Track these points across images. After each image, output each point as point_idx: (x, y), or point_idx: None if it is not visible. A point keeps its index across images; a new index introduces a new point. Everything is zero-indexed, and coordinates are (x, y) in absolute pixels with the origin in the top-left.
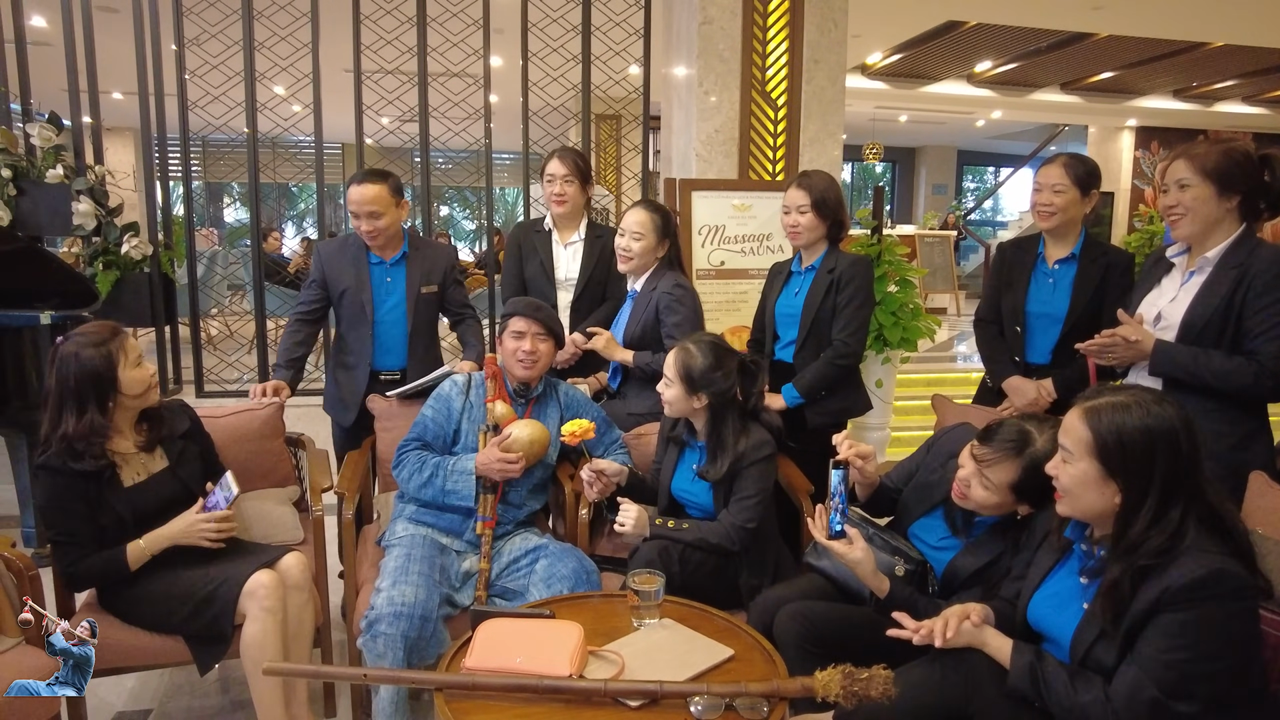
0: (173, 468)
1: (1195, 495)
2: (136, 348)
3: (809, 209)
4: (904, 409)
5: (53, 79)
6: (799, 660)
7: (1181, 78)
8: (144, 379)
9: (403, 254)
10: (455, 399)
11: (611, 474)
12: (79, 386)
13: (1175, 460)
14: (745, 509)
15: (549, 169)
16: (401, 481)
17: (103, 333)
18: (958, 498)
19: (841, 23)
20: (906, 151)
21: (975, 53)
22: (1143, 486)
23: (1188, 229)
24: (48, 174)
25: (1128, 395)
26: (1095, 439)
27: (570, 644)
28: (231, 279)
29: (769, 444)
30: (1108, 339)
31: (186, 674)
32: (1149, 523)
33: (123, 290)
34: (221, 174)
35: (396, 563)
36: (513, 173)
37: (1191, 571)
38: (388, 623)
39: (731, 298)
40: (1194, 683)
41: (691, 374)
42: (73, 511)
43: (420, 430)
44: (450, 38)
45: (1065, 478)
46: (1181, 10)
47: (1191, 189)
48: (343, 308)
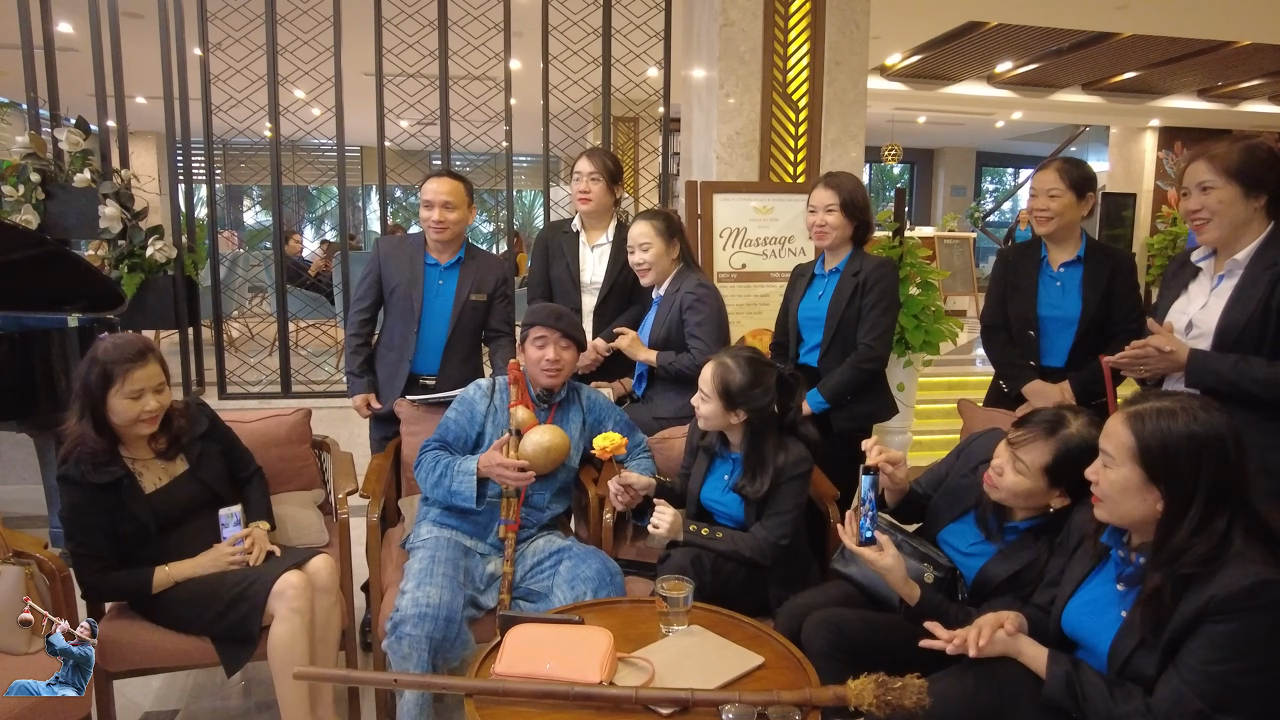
0: (193, 470)
1: (1241, 504)
2: (144, 380)
3: (837, 209)
4: (925, 412)
5: (80, 84)
6: (828, 668)
7: (1206, 77)
8: (133, 413)
9: (458, 259)
10: (479, 402)
11: (640, 488)
12: (82, 393)
13: (1222, 468)
14: (780, 524)
15: (577, 166)
16: (420, 481)
17: (119, 352)
18: (989, 487)
19: (863, 24)
20: (925, 153)
21: (996, 53)
22: (1187, 494)
23: (1215, 233)
24: (75, 178)
25: (1174, 401)
26: (1139, 444)
27: (600, 650)
28: (253, 282)
29: (807, 460)
30: (1139, 351)
31: (210, 675)
32: (1192, 530)
33: (147, 293)
34: (242, 177)
35: (421, 565)
36: (530, 175)
37: (1237, 581)
38: (413, 624)
39: (753, 300)
40: (1240, 695)
41: (730, 390)
42: (91, 525)
43: (443, 431)
44: (471, 41)
45: (1105, 483)
46: (1208, 9)
47: (1215, 191)
48: (393, 303)
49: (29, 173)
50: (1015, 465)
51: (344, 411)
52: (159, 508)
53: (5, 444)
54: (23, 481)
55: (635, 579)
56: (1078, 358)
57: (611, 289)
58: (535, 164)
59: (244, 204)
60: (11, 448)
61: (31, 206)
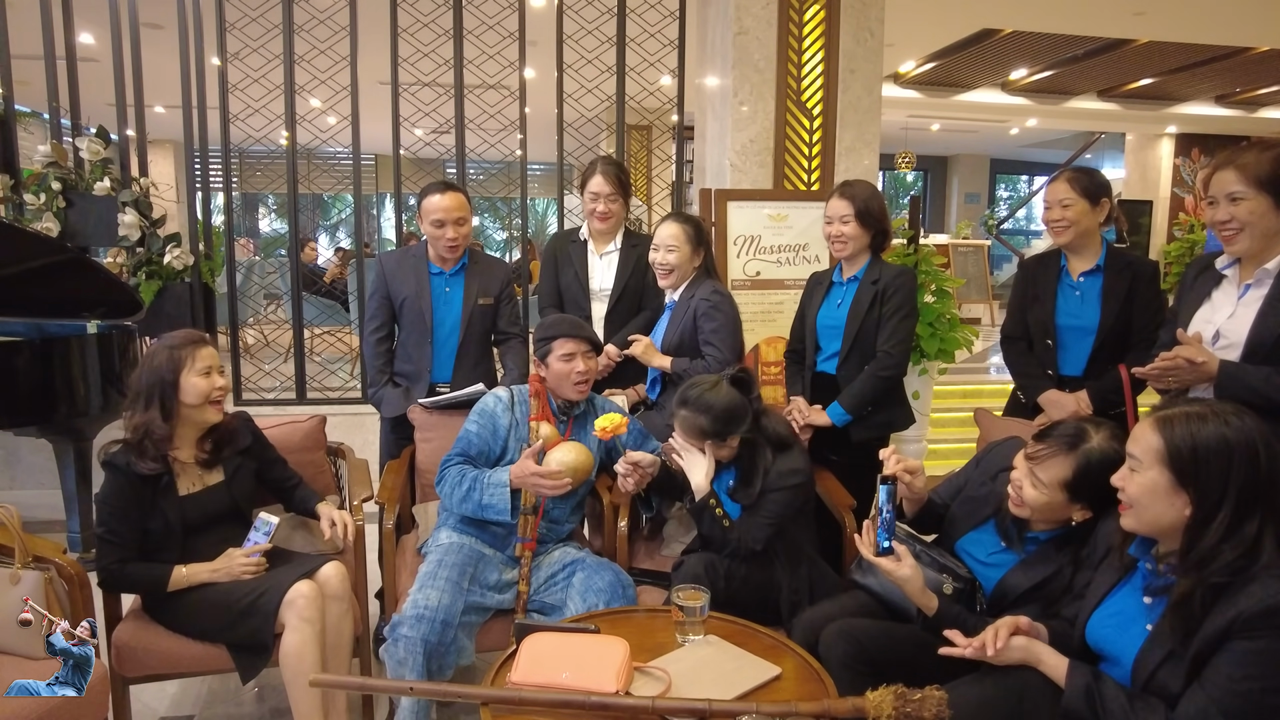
0: (227, 482)
1: (1273, 511)
2: (209, 358)
3: (852, 219)
4: (940, 420)
5: (100, 94)
6: (845, 679)
7: (1224, 83)
8: (204, 389)
9: (462, 265)
10: (501, 415)
11: (646, 465)
12: (148, 385)
13: (1253, 473)
14: (759, 528)
15: (593, 187)
16: (444, 496)
17: (182, 338)
18: (1014, 505)
19: (878, 32)
20: (939, 160)
21: (1010, 60)
22: (1216, 498)
23: (1245, 244)
24: (95, 186)
25: (1204, 406)
26: (1168, 447)
27: (616, 660)
28: (269, 289)
29: (800, 474)
30: (1169, 363)
31: (224, 681)
32: (1221, 536)
33: (165, 300)
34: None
35: (428, 568)
36: (544, 183)
37: (1269, 597)
38: (409, 625)
39: (767, 308)
40: (1266, 714)
41: (706, 433)
42: (124, 514)
43: (464, 445)
44: (486, 50)
45: (1133, 488)
46: (1226, 15)
47: (1246, 201)
48: (403, 316)
49: (50, 181)
50: (1033, 481)
51: (359, 418)
52: (188, 512)
53: (25, 449)
54: (41, 487)
55: (649, 589)
56: (1096, 367)
57: (622, 295)
58: (549, 172)
59: (260, 212)
60: (31, 453)
61: (52, 214)
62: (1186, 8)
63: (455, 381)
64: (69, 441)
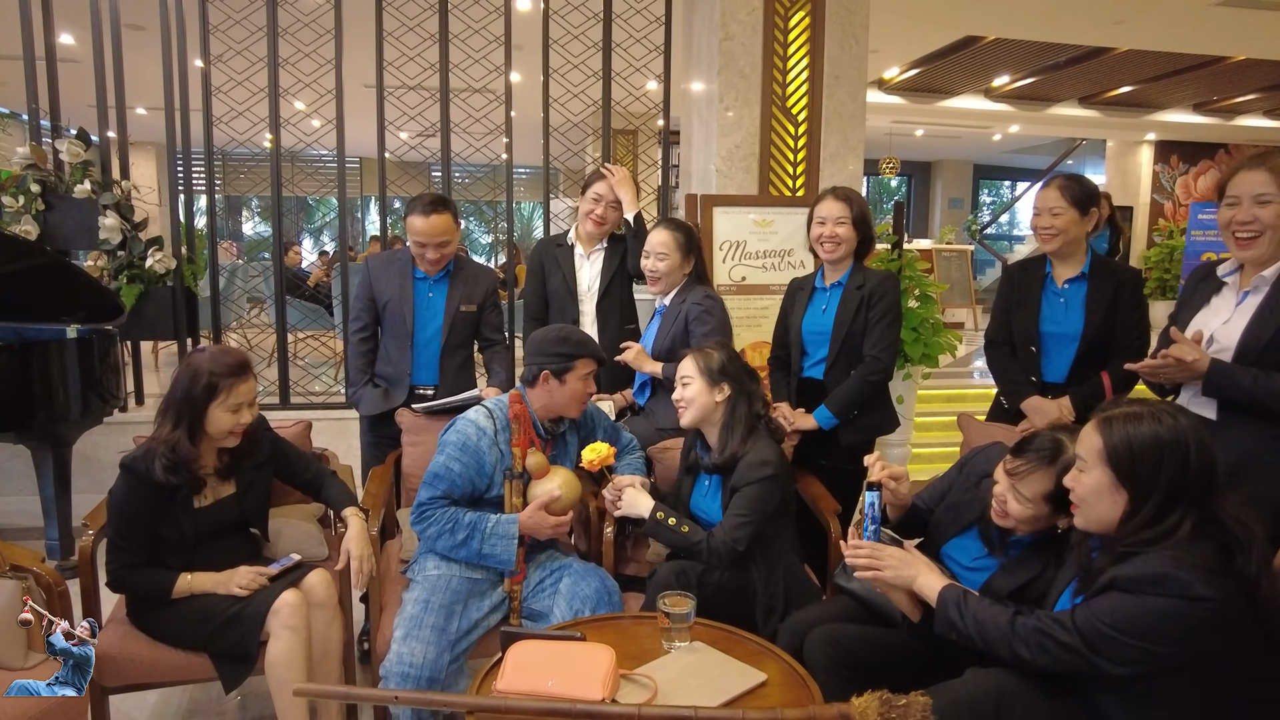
0: (239, 495)
1: (1198, 505)
2: (246, 394)
3: (848, 221)
4: (924, 425)
5: (81, 95)
6: (830, 684)
7: (1202, 91)
8: (228, 425)
9: (447, 271)
10: (486, 451)
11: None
12: (180, 404)
13: (1181, 469)
14: (738, 527)
15: (597, 189)
16: (427, 539)
17: (227, 365)
18: (998, 518)
19: (862, 38)
20: (922, 165)
21: (993, 67)
22: (1146, 493)
23: (1263, 249)
24: (75, 189)
25: (1142, 406)
26: (1106, 446)
27: (602, 667)
28: (252, 293)
29: (770, 465)
30: (1161, 362)
31: (206, 691)
32: (1144, 524)
33: (146, 304)
34: (242, 188)
35: (413, 611)
36: (529, 187)
37: (1143, 568)
38: (395, 682)
39: (753, 313)
40: (1109, 648)
41: (711, 367)
42: (138, 520)
43: (447, 487)
44: (472, 54)
45: (1081, 487)
46: (1204, 25)
47: (1274, 204)
48: (385, 318)
49: (29, 183)
50: (1016, 496)
51: (343, 423)
52: (200, 523)
53: (2, 456)
54: (19, 494)
55: (635, 595)
56: (1078, 374)
57: (607, 290)
58: (535, 176)
59: (243, 215)
60: (9, 459)
61: (31, 217)
62: (1165, 18)
63: (440, 386)
64: (48, 447)
